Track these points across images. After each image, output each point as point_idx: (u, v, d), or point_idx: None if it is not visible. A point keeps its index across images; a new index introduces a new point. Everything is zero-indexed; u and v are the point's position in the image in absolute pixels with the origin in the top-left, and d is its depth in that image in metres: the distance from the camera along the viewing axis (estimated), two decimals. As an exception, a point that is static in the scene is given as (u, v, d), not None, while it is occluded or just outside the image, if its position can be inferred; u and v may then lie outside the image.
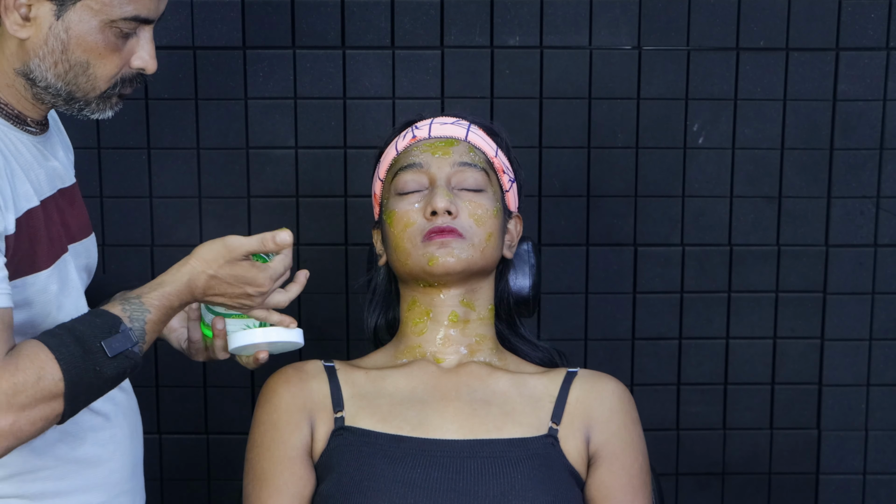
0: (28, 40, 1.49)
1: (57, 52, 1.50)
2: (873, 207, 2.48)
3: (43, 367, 1.41)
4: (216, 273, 1.56)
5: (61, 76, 1.51)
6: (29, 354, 1.41)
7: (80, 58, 1.51)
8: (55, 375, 1.41)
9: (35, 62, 1.50)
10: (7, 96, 1.54)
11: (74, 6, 1.48)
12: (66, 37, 1.49)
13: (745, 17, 2.41)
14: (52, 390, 1.41)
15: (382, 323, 1.84)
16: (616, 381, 1.73)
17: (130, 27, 1.52)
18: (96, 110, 1.56)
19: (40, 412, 1.41)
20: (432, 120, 1.78)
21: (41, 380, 1.40)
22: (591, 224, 2.48)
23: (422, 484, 1.57)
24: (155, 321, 1.51)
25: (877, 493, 2.57)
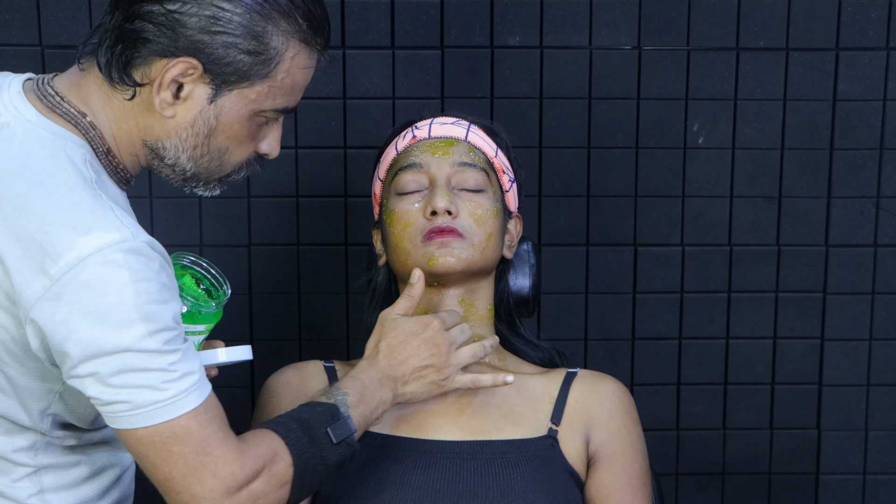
0: (171, 119, 1.43)
1: (201, 136, 1.45)
2: (873, 207, 2.48)
3: (276, 452, 1.43)
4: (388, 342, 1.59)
5: (195, 159, 1.47)
6: (264, 441, 1.43)
7: (222, 144, 1.47)
8: (287, 461, 1.44)
9: (172, 142, 1.45)
10: (126, 161, 1.48)
11: (230, 92, 1.43)
12: (214, 122, 1.44)
13: (745, 17, 2.41)
14: (284, 476, 1.44)
15: (382, 323, 1.84)
16: (616, 381, 1.73)
17: (275, 116, 1.49)
18: (208, 189, 1.54)
19: (271, 498, 1.43)
20: (432, 120, 1.78)
21: (275, 465, 1.43)
22: (591, 224, 2.48)
23: (421, 485, 1.57)
24: (355, 403, 1.52)
25: (877, 493, 2.57)
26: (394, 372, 1.58)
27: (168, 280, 1.39)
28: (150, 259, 1.37)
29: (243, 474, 1.40)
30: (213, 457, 1.38)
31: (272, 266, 2.47)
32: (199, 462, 1.38)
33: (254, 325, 2.48)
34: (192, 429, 1.37)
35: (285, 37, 1.43)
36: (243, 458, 1.40)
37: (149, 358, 1.35)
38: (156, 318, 1.35)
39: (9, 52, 2.36)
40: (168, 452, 1.37)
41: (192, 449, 1.38)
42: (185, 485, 1.39)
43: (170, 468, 1.38)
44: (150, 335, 1.34)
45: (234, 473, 1.39)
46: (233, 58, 1.40)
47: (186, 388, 1.37)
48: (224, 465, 1.39)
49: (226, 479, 1.39)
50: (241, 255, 2.46)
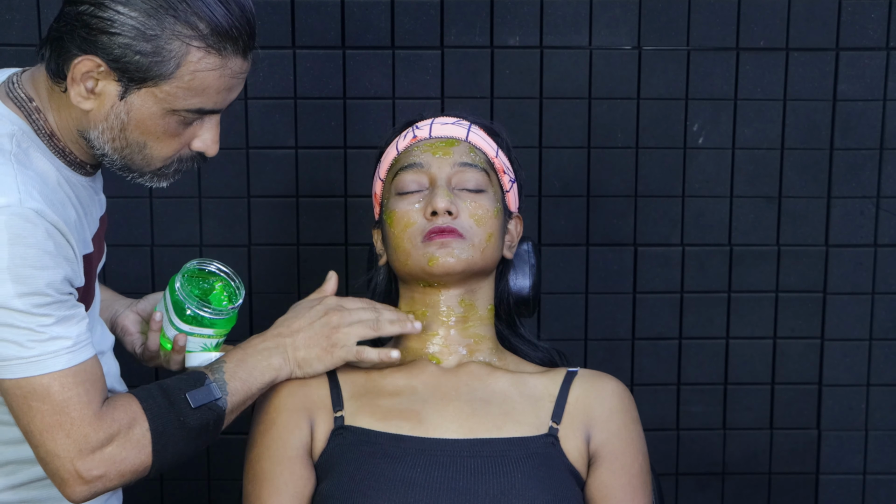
0: (90, 111, 1.53)
1: (115, 130, 1.54)
2: (873, 207, 2.48)
3: (132, 417, 1.52)
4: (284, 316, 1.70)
5: (118, 150, 1.56)
6: (122, 406, 1.52)
7: (138, 138, 1.55)
8: (144, 426, 1.52)
9: (94, 133, 1.54)
10: (71, 146, 1.57)
11: (139, 91, 1.51)
12: (126, 118, 1.53)
13: (745, 17, 2.41)
14: (142, 441, 1.52)
15: (382, 323, 1.84)
16: (616, 380, 1.73)
17: (194, 116, 1.55)
18: (150, 181, 1.62)
19: (130, 463, 1.52)
20: (433, 120, 1.78)
21: (131, 430, 1.51)
22: (591, 224, 2.48)
23: (422, 483, 1.57)
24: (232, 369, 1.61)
25: (877, 493, 2.57)
26: (282, 333, 1.67)
27: (54, 248, 1.46)
28: (35, 225, 1.45)
29: (97, 437, 1.48)
30: (70, 418, 1.47)
31: (272, 266, 2.48)
32: (56, 421, 1.47)
33: (254, 325, 2.48)
34: (53, 389, 1.46)
35: (183, 40, 1.49)
36: (99, 422, 1.48)
37: (17, 316, 1.43)
38: (27, 281, 1.43)
39: (9, 52, 2.36)
40: (28, 406, 1.47)
41: (50, 407, 1.47)
42: (41, 440, 1.48)
43: (28, 421, 1.48)
44: (18, 296, 1.43)
45: (87, 436, 1.48)
46: (130, 58, 1.48)
47: (53, 350, 1.46)
48: (78, 427, 1.47)
49: (78, 441, 1.47)
50: (241, 255, 2.46)
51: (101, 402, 1.50)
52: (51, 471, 1.50)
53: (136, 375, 2.47)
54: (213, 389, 1.58)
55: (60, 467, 1.48)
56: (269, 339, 1.67)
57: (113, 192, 2.43)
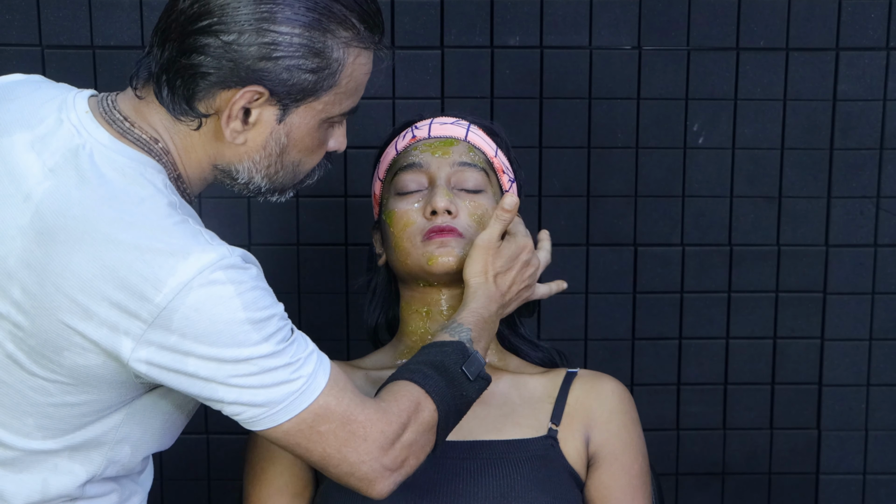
0: (243, 145, 1.44)
1: (274, 156, 1.45)
2: (873, 207, 2.48)
3: (417, 402, 1.47)
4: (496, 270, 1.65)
5: (269, 176, 1.48)
6: (404, 395, 1.47)
7: (295, 158, 1.48)
8: (431, 407, 1.48)
9: (245, 164, 1.46)
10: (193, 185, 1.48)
11: (298, 108, 1.43)
12: (286, 140, 1.45)
13: (745, 17, 2.41)
14: (430, 422, 1.48)
15: (382, 323, 1.84)
16: (616, 381, 1.73)
17: (341, 119, 1.51)
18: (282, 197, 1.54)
19: (422, 443, 1.48)
20: (432, 120, 1.78)
21: (420, 414, 1.47)
22: (591, 224, 2.48)
23: (421, 485, 1.57)
24: (477, 337, 1.57)
25: (877, 493, 2.57)
26: (503, 298, 1.65)
27: (265, 284, 1.42)
28: (247, 269, 1.39)
29: (391, 430, 1.44)
30: (360, 423, 1.42)
31: (272, 266, 2.47)
32: (349, 432, 1.42)
33: (254, 325, 2.48)
34: (332, 404, 1.41)
35: (345, 45, 1.42)
36: (388, 416, 1.44)
37: (272, 360, 1.38)
38: (265, 323, 1.38)
39: (9, 52, 2.36)
40: (318, 434, 1.41)
41: (338, 423, 1.41)
42: (342, 457, 1.42)
43: (323, 447, 1.42)
44: (266, 340, 1.37)
45: (383, 432, 1.43)
46: (298, 78, 1.40)
47: (312, 370, 1.41)
48: (372, 427, 1.43)
49: (378, 439, 1.43)
50: (241, 255, 2.45)
51: (368, 398, 1.46)
52: (359, 478, 1.44)
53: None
54: (480, 357, 1.54)
55: (369, 471, 1.44)
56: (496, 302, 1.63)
57: (113, 192, 2.43)
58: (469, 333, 1.56)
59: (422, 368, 1.50)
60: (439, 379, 1.49)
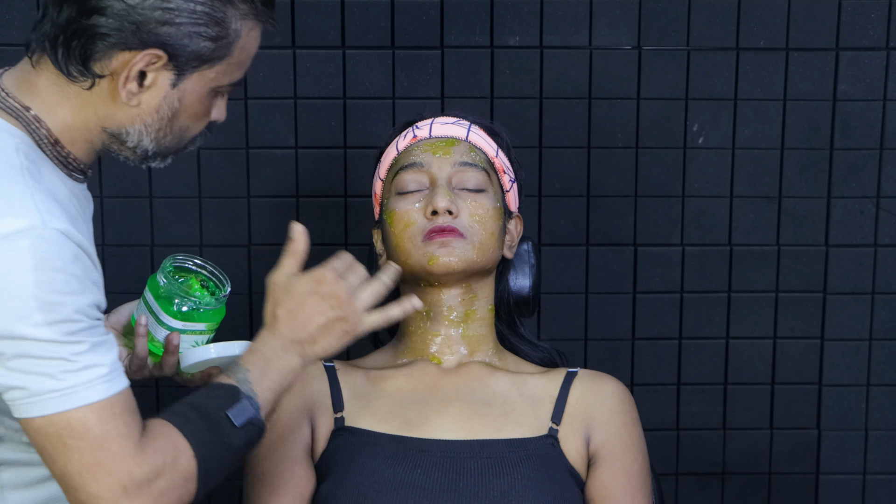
0: (137, 107, 1.44)
1: (165, 119, 1.46)
2: (873, 207, 2.48)
3: (175, 447, 1.39)
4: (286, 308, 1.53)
5: (158, 140, 1.48)
6: (162, 436, 1.39)
7: (184, 123, 1.49)
8: (189, 454, 1.39)
9: (137, 127, 1.46)
10: (77, 150, 1.47)
11: (192, 75, 1.44)
12: (178, 105, 1.46)
13: (745, 17, 2.41)
14: (188, 471, 1.39)
15: (382, 323, 1.83)
16: (616, 381, 1.73)
17: (230, 90, 1.52)
18: (162, 163, 1.54)
19: (175, 494, 1.39)
20: (433, 120, 1.79)
21: (177, 461, 1.38)
22: (591, 224, 2.48)
23: (422, 484, 1.57)
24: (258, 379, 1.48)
25: (877, 493, 2.57)
26: (298, 336, 1.51)
27: (81, 272, 1.37)
28: (61, 247, 1.35)
29: (141, 472, 1.35)
30: (111, 453, 1.34)
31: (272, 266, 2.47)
32: (96, 458, 1.34)
33: (254, 325, 2.48)
34: (91, 422, 1.34)
35: (242, 17, 1.45)
36: (142, 456, 1.36)
37: (47, 347, 1.32)
38: (56, 308, 1.32)
39: (9, 52, 2.36)
40: (63, 445, 1.34)
41: (89, 444, 1.34)
42: (81, 482, 1.35)
43: (65, 462, 1.34)
44: (48, 325, 1.32)
45: (131, 471, 1.35)
46: (197, 45, 1.42)
47: (89, 379, 1.34)
48: (121, 463, 1.34)
49: (122, 478, 1.34)
50: (241, 255, 2.46)
51: (140, 434, 1.37)
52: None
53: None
54: (252, 403, 1.45)
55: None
56: (281, 340, 1.51)
57: (113, 193, 2.43)
58: (247, 374, 1.46)
59: (185, 411, 1.43)
60: (201, 424, 1.41)
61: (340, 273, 1.55)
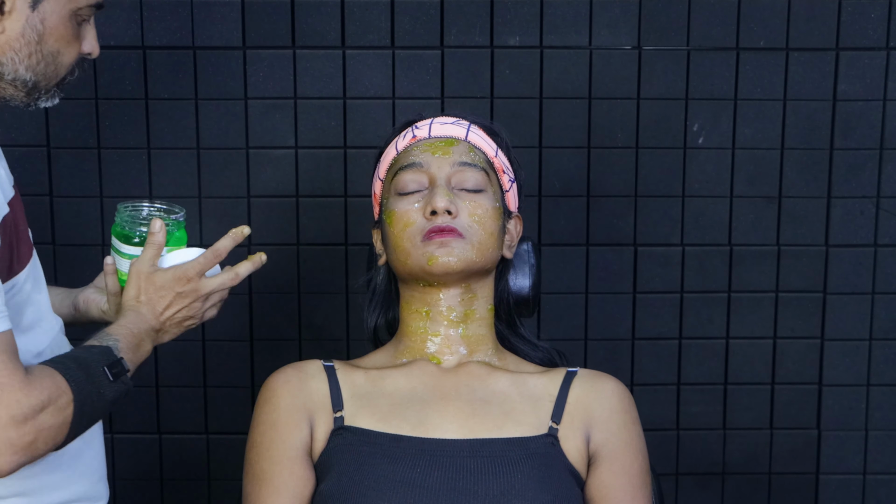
0: (2, 35, 1.52)
1: (33, 44, 1.53)
2: (873, 207, 2.48)
3: (59, 387, 1.45)
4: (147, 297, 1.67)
5: (32, 67, 1.54)
6: (47, 376, 1.45)
7: (52, 47, 1.55)
8: (68, 396, 1.46)
9: (9, 56, 1.53)
10: None
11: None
12: (41, 27, 1.53)
13: (745, 17, 2.41)
14: (66, 411, 1.46)
15: (382, 323, 1.84)
16: (616, 380, 1.72)
17: (90, 13, 1.59)
18: (50, 98, 1.60)
19: (54, 431, 1.45)
20: (432, 120, 1.78)
21: (59, 399, 1.45)
22: (591, 224, 2.48)
23: (421, 483, 1.57)
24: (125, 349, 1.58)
25: (877, 493, 2.57)
26: (155, 324, 1.66)
27: None
28: None
29: (28, 403, 1.40)
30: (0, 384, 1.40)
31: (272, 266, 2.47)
32: None
33: (254, 325, 2.48)
34: None
35: None
36: (29, 388, 1.41)
37: None
38: None
39: (9, 52, 2.36)
40: None
41: None
42: None
43: None
44: None
45: (19, 401, 1.40)
46: None
47: None
48: (9, 393, 1.39)
49: (11, 406, 1.39)
50: (241, 256, 2.45)
51: (25, 373, 1.43)
52: None
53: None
54: (125, 363, 1.55)
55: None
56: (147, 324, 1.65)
57: (113, 193, 2.44)
58: (117, 343, 1.57)
59: (65, 361, 1.50)
60: (80, 373, 1.49)
61: (201, 273, 1.70)
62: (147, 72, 2.40)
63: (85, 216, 2.43)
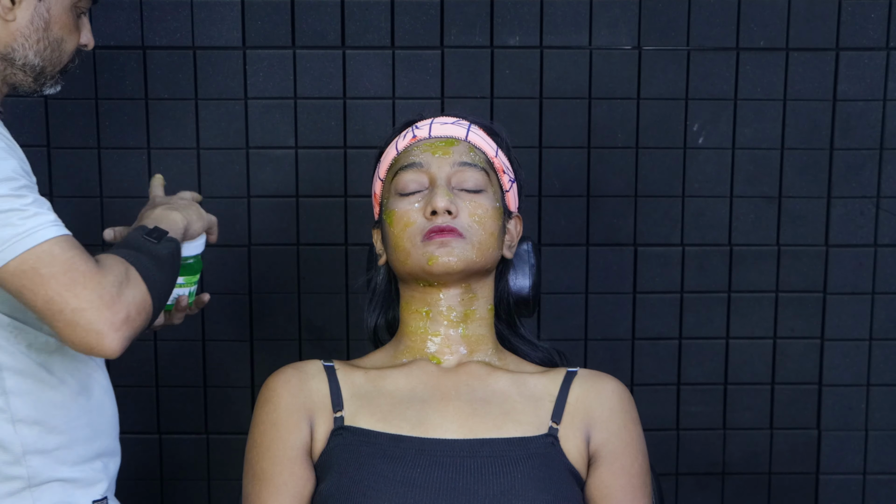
0: (13, 23, 1.70)
1: (40, 31, 1.72)
2: (873, 207, 2.48)
3: (123, 264, 1.62)
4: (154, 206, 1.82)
5: (40, 53, 1.73)
6: (110, 259, 1.62)
7: (57, 35, 1.74)
8: (133, 269, 1.62)
9: (19, 42, 1.71)
10: None
11: None
12: (47, 16, 1.72)
13: (745, 17, 2.41)
14: (138, 281, 1.62)
15: (382, 323, 1.84)
16: (616, 380, 1.72)
17: (87, 6, 1.77)
18: (54, 84, 1.79)
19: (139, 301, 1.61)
20: (432, 120, 1.78)
21: (129, 273, 1.61)
22: (591, 224, 2.48)
23: (422, 483, 1.57)
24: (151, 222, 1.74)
25: (877, 493, 2.57)
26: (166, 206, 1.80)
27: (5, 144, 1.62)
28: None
29: (109, 282, 1.57)
30: (81, 272, 1.56)
31: (272, 266, 2.48)
32: (70, 278, 1.55)
33: (254, 325, 2.48)
34: (56, 252, 1.56)
35: None
36: (104, 271, 1.58)
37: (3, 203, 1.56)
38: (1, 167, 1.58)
39: (9, 52, 2.36)
40: (40, 276, 1.55)
41: (60, 268, 1.55)
42: (65, 300, 1.55)
43: (45, 290, 1.55)
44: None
45: (101, 283, 1.56)
46: None
47: (41, 223, 1.57)
48: (91, 278, 1.56)
49: (97, 288, 1.56)
50: (241, 255, 2.46)
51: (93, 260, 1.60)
52: (83, 327, 1.55)
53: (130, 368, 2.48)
54: (159, 229, 1.71)
55: (93, 318, 1.55)
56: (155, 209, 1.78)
57: (113, 193, 2.44)
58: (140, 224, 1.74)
59: (113, 250, 1.67)
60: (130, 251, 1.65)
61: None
62: (147, 72, 2.40)
63: (85, 216, 2.43)
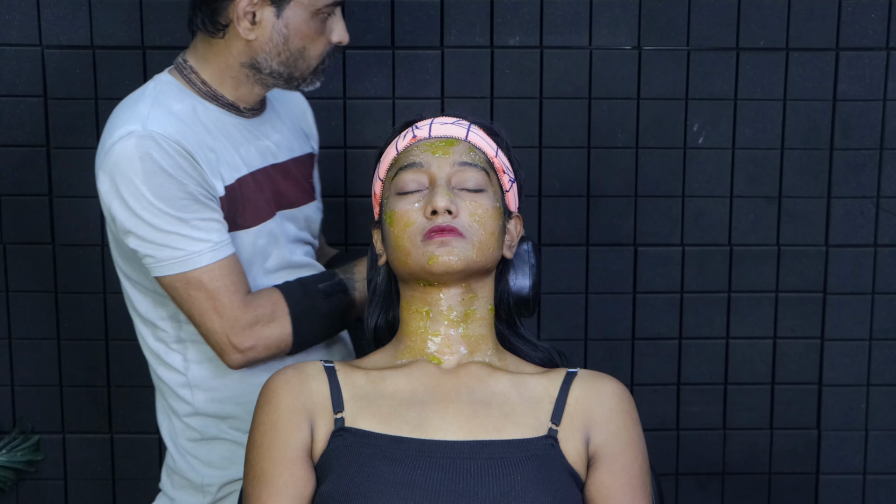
0: (255, 40, 1.91)
1: (280, 45, 1.91)
2: (873, 207, 2.48)
3: (276, 303, 1.91)
4: None
5: (284, 62, 1.93)
6: (266, 295, 1.91)
7: (298, 45, 1.92)
8: (285, 311, 1.91)
9: (262, 56, 1.92)
10: (224, 89, 1.96)
11: (289, 4, 1.89)
12: (286, 31, 1.91)
13: (745, 17, 2.41)
14: (282, 322, 1.91)
15: (382, 323, 1.83)
16: (616, 381, 1.72)
17: (330, 10, 1.92)
18: (310, 84, 1.98)
19: (274, 339, 1.91)
20: (432, 120, 1.78)
21: (274, 313, 1.91)
22: (591, 224, 2.48)
23: (422, 485, 1.57)
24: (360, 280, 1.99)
25: (877, 493, 2.57)
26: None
27: (175, 163, 1.83)
28: (159, 143, 1.82)
29: (245, 318, 1.87)
30: (222, 303, 1.86)
31: (272, 266, 2.47)
32: (211, 305, 1.86)
33: (254, 325, 2.48)
34: (204, 280, 1.85)
35: None
36: (245, 307, 1.87)
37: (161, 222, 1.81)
38: (161, 190, 1.81)
39: (9, 52, 2.36)
40: (188, 295, 1.86)
41: (205, 295, 1.86)
42: (201, 321, 1.88)
43: (189, 307, 1.88)
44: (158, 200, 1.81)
45: (237, 318, 1.87)
46: None
47: (199, 249, 1.83)
48: (229, 311, 1.87)
49: (230, 320, 1.87)
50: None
51: (246, 290, 1.88)
52: (211, 343, 1.89)
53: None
54: (343, 282, 1.97)
55: (219, 341, 1.88)
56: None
57: (113, 192, 2.43)
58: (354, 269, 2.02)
59: (291, 283, 1.95)
60: (299, 291, 1.93)
61: None
62: (147, 72, 2.40)
63: (85, 216, 2.43)
